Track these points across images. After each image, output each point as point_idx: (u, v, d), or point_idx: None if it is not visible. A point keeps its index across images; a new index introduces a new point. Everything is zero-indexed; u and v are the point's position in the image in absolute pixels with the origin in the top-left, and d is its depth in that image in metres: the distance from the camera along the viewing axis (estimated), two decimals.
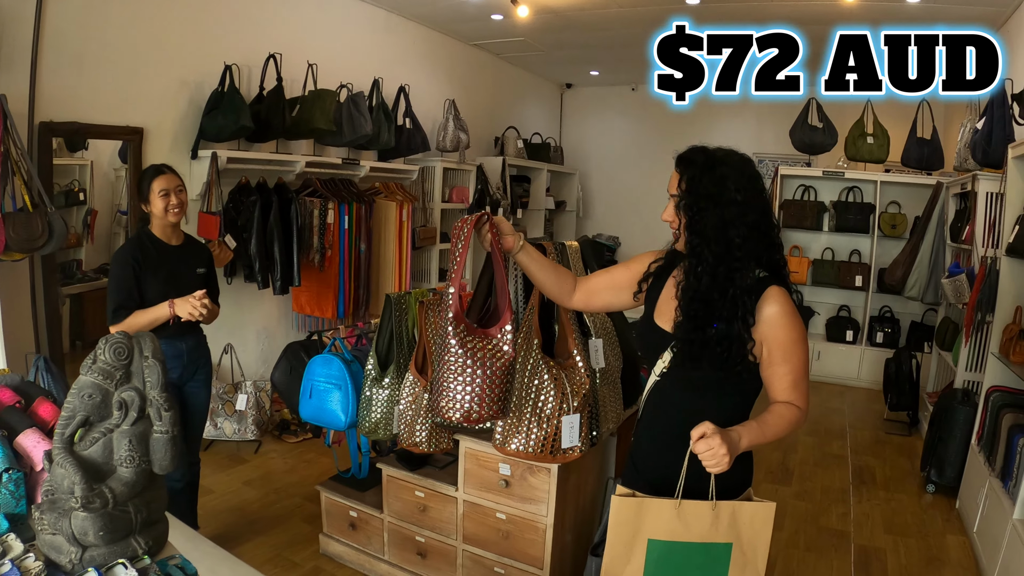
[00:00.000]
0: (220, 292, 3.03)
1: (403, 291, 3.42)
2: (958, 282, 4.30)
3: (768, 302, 1.61)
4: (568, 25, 6.16)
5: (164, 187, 2.70)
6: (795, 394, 1.65)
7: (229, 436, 4.27)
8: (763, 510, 1.61)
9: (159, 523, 1.60)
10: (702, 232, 1.62)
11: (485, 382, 1.81)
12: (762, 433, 1.61)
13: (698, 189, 1.63)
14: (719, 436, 1.51)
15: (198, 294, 2.57)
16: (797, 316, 1.64)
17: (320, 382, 2.76)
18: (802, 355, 1.65)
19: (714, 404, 1.67)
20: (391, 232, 5.53)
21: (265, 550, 3.24)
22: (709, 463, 1.52)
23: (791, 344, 1.62)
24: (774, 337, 1.61)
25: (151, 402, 1.49)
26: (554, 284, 1.95)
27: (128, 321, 2.60)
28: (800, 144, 6.46)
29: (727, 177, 1.61)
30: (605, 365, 2.54)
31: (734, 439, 1.55)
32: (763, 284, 1.63)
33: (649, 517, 1.61)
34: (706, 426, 1.53)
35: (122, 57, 4.06)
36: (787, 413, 1.64)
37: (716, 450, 1.50)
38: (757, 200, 1.63)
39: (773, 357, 1.63)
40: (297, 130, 4.86)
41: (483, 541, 2.61)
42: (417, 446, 2.48)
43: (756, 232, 1.62)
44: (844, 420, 5.56)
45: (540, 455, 2.14)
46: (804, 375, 1.66)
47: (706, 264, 1.62)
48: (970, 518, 3.56)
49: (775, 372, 1.64)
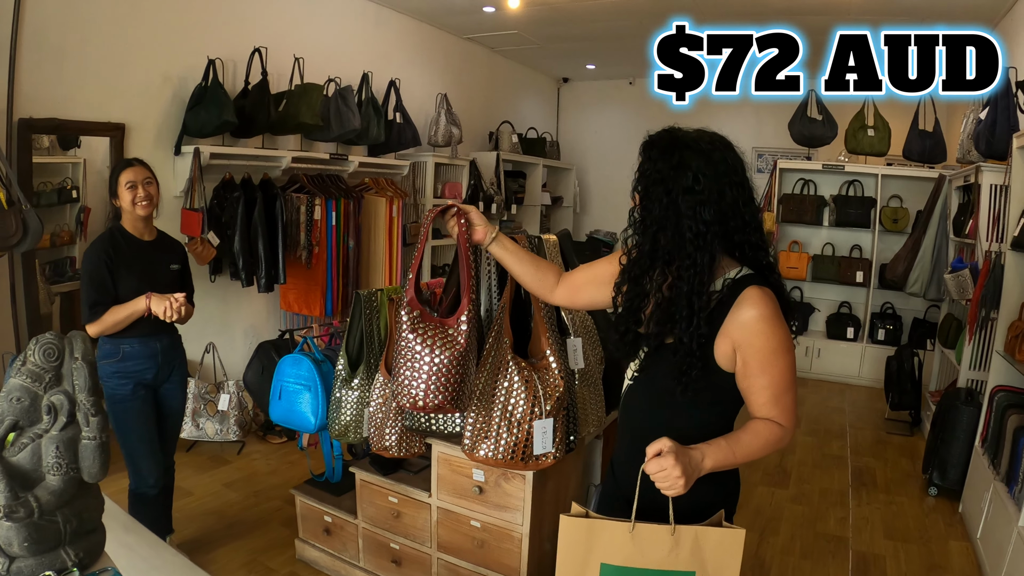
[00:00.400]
0: (207, 290, 2.95)
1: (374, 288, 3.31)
2: (961, 277, 4.17)
3: (744, 305, 1.42)
4: (561, 17, 6.04)
5: (131, 179, 2.62)
6: (776, 410, 1.46)
7: (211, 437, 4.17)
8: (731, 537, 1.42)
9: (93, 533, 1.51)
10: (645, 222, 1.47)
11: (433, 369, 1.78)
12: (732, 453, 1.44)
13: (650, 174, 1.46)
14: (673, 456, 1.35)
15: (179, 296, 2.50)
16: (778, 321, 1.44)
17: (290, 383, 2.65)
18: (784, 366, 1.45)
19: (685, 416, 1.51)
20: (381, 228, 5.42)
21: (241, 555, 3.14)
22: (662, 485, 1.37)
23: (770, 353, 1.43)
24: (750, 345, 1.42)
25: (79, 406, 1.40)
26: (533, 277, 1.83)
27: (105, 317, 2.53)
28: (799, 137, 6.31)
29: (687, 162, 1.42)
30: (585, 365, 2.42)
31: (694, 460, 1.39)
32: (740, 285, 1.45)
33: (601, 540, 1.45)
34: (663, 443, 1.37)
35: (103, 52, 3.99)
36: (764, 431, 1.46)
37: (669, 472, 1.35)
38: (727, 190, 1.43)
39: (749, 368, 1.44)
40: (283, 125, 4.77)
41: (458, 549, 2.50)
42: (387, 450, 2.37)
43: (720, 227, 1.43)
44: (844, 419, 5.43)
45: (510, 462, 2.02)
46: (787, 388, 1.46)
47: (643, 260, 1.48)
48: (973, 523, 3.43)
49: (752, 385, 1.46)
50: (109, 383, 2.60)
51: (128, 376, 2.60)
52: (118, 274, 2.56)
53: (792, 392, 1.47)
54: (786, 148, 7.24)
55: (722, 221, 1.43)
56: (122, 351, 2.59)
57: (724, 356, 1.45)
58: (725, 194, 1.43)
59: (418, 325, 1.80)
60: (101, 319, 2.51)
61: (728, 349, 1.44)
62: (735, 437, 1.45)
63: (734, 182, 1.45)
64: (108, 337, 2.58)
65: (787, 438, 1.48)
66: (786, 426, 1.47)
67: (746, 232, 1.47)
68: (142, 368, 2.63)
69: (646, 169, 1.48)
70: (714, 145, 1.47)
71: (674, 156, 1.44)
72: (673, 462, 1.34)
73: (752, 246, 1.48)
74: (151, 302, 2.47)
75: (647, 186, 1.47)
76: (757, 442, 1.45)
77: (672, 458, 1.34)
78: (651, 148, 1.49)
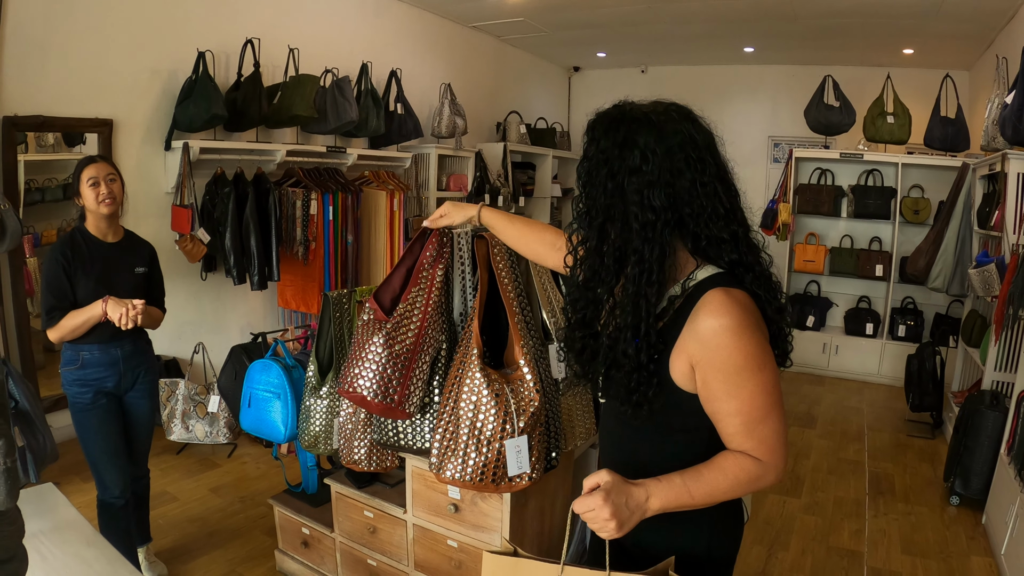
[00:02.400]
0: (199, 289, 2.80)
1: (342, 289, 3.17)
2: (987, 273, 3.93)
3: (702, 313, 1.16)
4: (568, 3, 5.83)
5: (92, 175, 2.49)
6: (750, 442, 1.18)
7: (201, 439, 4.04)
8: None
9: (10, 562, 1.41)
10: (590, 213, 1.23)
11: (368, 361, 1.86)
12: (687, 492, 1.18)
13: (592, 155, 1.22)
14: (603, 495, 1.14)
15: (136, 303, 2.36)
16: (747, 333, 1.15)
17: (259, 390, 2.51)
18: (755, 387, 1.16)
19: (651, 445, 1.30)
20: (382, 223, 5.27)
21: (220, 565, 3.01)
22: (592, 527, 1.17)
23: (735, 373, 1.15)
24: (709, 362, 1.16)
25: None
26: (533, 245, 1.73)
27: (63, 323, 2.41)
28: (816, 124, 6.06)
29: (633, 138, 1.17)
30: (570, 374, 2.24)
31: (635, 499, 1.17)
32: (702, 288, 1.19)
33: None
34: (600, 476, 1.16)
35: (89, 46, 3.90)
36: (734, 467, 1.19)
37: (596, 513, 1.14)
38: (684, 169, 1.17)
39: (712, 390, 1.18)
40: (277, 118, 4.65)
41: (435, 569, 2.34)
42: (356, 464, 2.21)
43: (674, 214, 1.17)
44: (862, 420, 5.20)
45: (479, 484, 1.84)
46: (764, 416, 1.17)
47: (591, 258, 1.25)
48: (997, 537, 3.20)
49: (718, 410, 1.19)
50: (70, 391, 2.48)
51: (88, 384, 2.47)
52: (76, 277, 2.43)
53: (773, 420, 1.18)
54: (802, 136, 6.99)
55: (675, 207, 1.18)
56: (81, 358, 2.46)
57: (682, 375, 1.20)
58: (681, 174, 1.17)
59: (370, 321, 1.83)
60: (59, 324, 2.40)
61: (685, 367, 1.19)
62: (695, 472, 1.20)
63: (692, 158, 1.17)
64: (69, 343, 2.46)
65: (769, 476, 1.20)
66: (768, 461, 1.19)
67: (701, 221, 1.19)
68: (102, 376, 2.50)
69: (589, 150, 1.24)
70: (667, 116, 1.20)
71: (619, 132, 1.19)
72: (602, 502, 1.13)
73: (712, 240, 1.20)
74: (107, 307, 2.34)
75: (589, 169, 1.23)
76: (723, 481, 1.19)
77: (602, 497, 1.14)
78: (595, 127, 1.25)
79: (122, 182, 2.61)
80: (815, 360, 6.39)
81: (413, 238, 2.02)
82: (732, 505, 1.34)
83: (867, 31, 5.97)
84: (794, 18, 5.82)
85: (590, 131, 1.25)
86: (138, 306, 2.34)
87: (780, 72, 7.68)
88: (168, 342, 4.25)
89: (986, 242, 4.61)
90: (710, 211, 1.19)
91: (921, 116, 5.71)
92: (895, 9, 5.26)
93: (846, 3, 5.27)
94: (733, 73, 7.90)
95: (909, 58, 6.69)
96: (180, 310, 4.31)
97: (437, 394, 2.06)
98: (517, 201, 6.93)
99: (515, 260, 2.05)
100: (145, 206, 4.16)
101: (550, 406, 2.06)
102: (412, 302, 1.94)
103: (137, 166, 4.17)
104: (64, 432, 3.38)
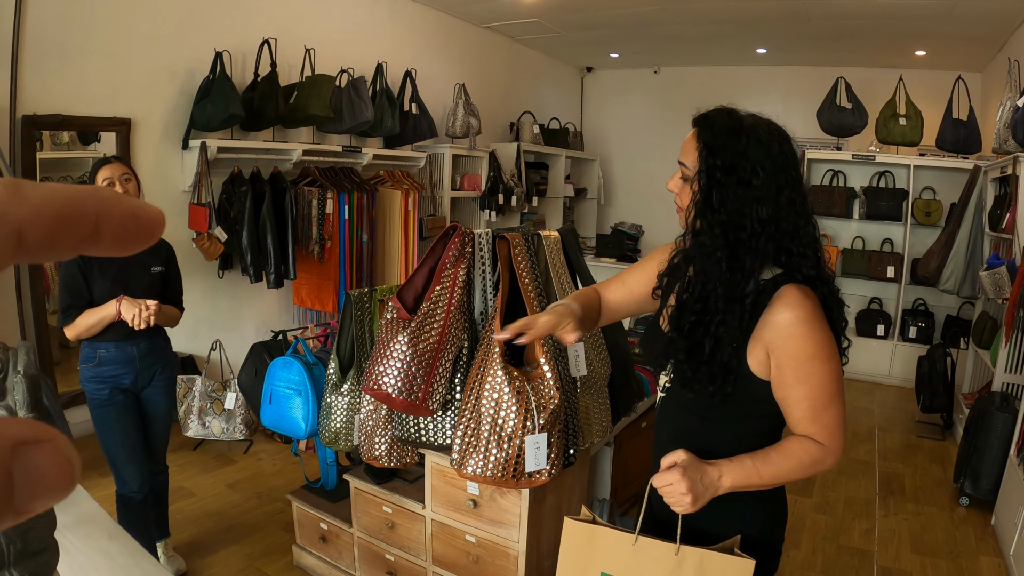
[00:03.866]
0: (216, 287, 2.84)
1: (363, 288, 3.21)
2: (997, 275, 3.94)
3: (778, 305, 1.26)
4: (581, 4, 5.86)
5: (107, 176, 2.52)
6: (815, 426, 1.28)
7: (218, 436, 4.11)
8: (737, 567, 1.30)
9: (41, 554, 1.42)
10: (715, 213, 1.29)
11: (392, 359, 1.87)
12: (756, 473, 1.28)
13: (718, 158, 1.28)
14: (681, 471, 1.24)
15: (150, 304, 2.40)
16: (819, 325, 1.26)
17: (280, 387, 2.55)
18: (825, 375, 1.26)
19: (719, 430, 1.38)
20: (396, 222, 5.33)
21: (237, 559, 3.05)
22: (668, 501, 1.27)
23: (807, 360, 1.25)
24: (784, 350, 1.26)
25: None
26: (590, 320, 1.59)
27: (78, 321, 2.45)
28: (828, 126, 6.07)
29: (747, 151, 1.26)
30: (588, 372, 2.28)
31: (709, 477, 1.27)
32: (775, 284, 1.29)
33: (602, 547, 1.37)
34: (677, 455, 1.27)
35: (107, 46, 3.94)
36: (799, 450, 1.29)
37: (674, 487, 1.24)
38: (783, 188, 1.27)
39: (784, 376, 1.27)
40: (293, 118, 4.70)
41: (452, 564, 2.38)
42: (376, 460, 2.26)
43: (775, 228, 1.27)
44: (873, 421, 5.22)
45: (500, 479, 1.89)
46: (830, 403, 1.28)
47: (713, 256, 1.30)
48: (1007, 538, 3.23)
49: (788, 396, 1.29)
50: (88, 387, 2.54)
51: (105, 381, 2.53)
52: (91, 276, 2.47)
53: (836, 407, 1.29)
54: (814, 138, 6.97)
55: (776, 222, 1.27)
56: (98, 355, 2.51)
57: (758, 362, 1.30)
58: (782, 192, 1.27)
59: (393, 320, 1.85)
60: (75, 323, 2.44)
61: (762, 355, 1.29)
62: (763, 455, 1.30)
63: (792, 179, 1.29)
64: (87, 341, 2.51)
65: (829, 460, 1.30)
66: (830, 446, 1.29)
67: (794, 239, 1.29)
68: (119, 373, 2.55)
69: (712, 154, 1.29)
70: (772, 135, 1.30)
71: (739, 142, 1.27)
72: (680, 477, 1.24)
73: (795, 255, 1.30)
74: (121, 306, 2.39)
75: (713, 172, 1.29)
76: (788, 463, 1.29)
77: (679, 473, 1.24)
78: (710, 127, 1.31)
79: (137, 182, 2.64)
80: None
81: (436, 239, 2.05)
82: (781, 491, 1.45)
83: (879, 33, 5.98)
84: (806, 19, 5.84)
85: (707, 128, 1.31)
86: (151, 307, 2.37)
87: (792, 73, 7.68)
88: (185, 339, 4.31)
89: (997, 244, 4.62)
90: (797, 231, 1.29)
91: (933, 118, 5.70)
92: (907, 11, 5.27)
93: (858, 5, 5.28)
94: (745, 74, 7.90)
95: (921, 60, 6.69)
96: (196, 308, 4.36)
97: (459, 391, 2.10)
98: (530, 201, 6.97)
99: (535, 260, 2.08)
100: (162, 205, 4.13)
101: (569, 404, 2.10)
102: (435, 301, 1.99)
103: (155, 165, 4.22)
104: (82, 428, 3.44)
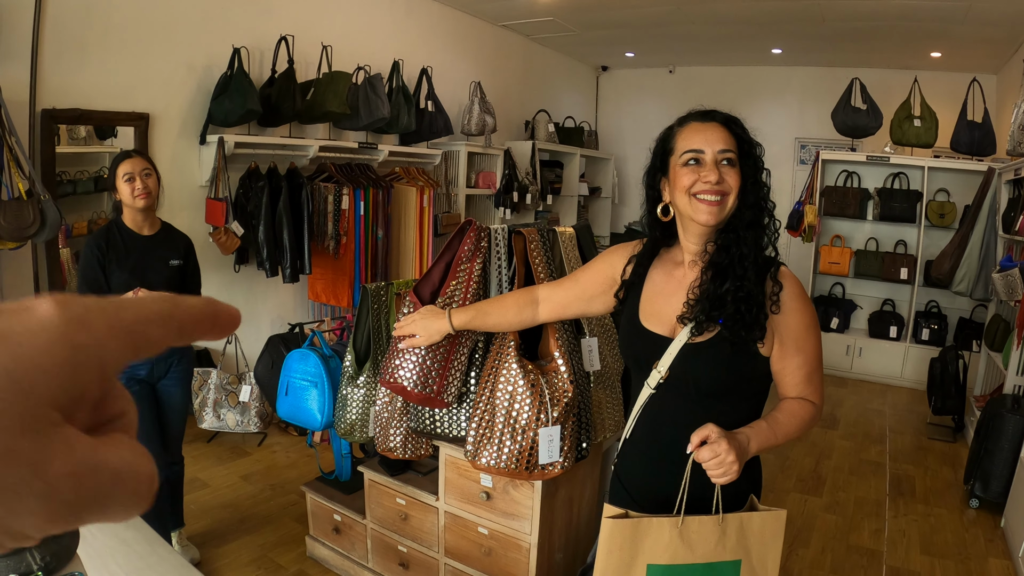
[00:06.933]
0: (232, 280, 2.88)
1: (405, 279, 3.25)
2: (1010, 277, 3.94)
3: (781, 282, 1.44)
4: (597, 3, 5.88)
5: (128, 171, 2.57)
6: (809, 388, 1.46)
7: (232, 428, 4.16)
8: (773, 520, 1.41)
9: (64, 536, 1.47)
10: (761, 189, 1.44)
11: (413, 350, 1.94)
12: (773, 434, 1.41)
13: (753, 151, 1.45)
14: (725, 441, 1.30)
15: None
16: (808, 298, 1.47)
17: (296, 379, 2.59)
18: (816, 343, 1.46)
19: (731, 410, 1.45)
20: (411, 218, 5.36)
21: (251, 550, 3.10)
22: (715, 472, 1.31)
23: (804, 331, 1.44)
24: (786, 324, 1.42)
25: None
26: (514, 317, 1.82)
27: None
28: (843, 127, 6.06)
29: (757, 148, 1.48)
30: (601, 367, 2.31)
31: (742, 443, 1.35)
32: (771, 263, 1.46)
33: (647, 540, 1.38)
34: (709, 429, 1.32)
35: (126, 42, 3.98)
36: (800, 411, 1.45)
37: (723, 457, 1.29)
38: (766, 178, 1.49)
39: (786, 348, 1.43)
40: (310, 114, 4.74)
41: (465, 556, 2.42)
42: (391, 452, 2.29)
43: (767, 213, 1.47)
44: (884, 422, 5.22)
45: (514, 471, 1.92)
46: (819, 366, 1.47)
47: (758, 225, 1.44)
48: (1016, 540, 3.23)
49: (787, 365, 1.44)
50: None
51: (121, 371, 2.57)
52: (110, 269, 2.52)
53: (821, 369, 1.48)
54: (829, 139, 6.98)
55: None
56: None
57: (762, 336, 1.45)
58: (766, 181, 1.48)
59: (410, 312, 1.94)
60: None
61: (767, 332, 1.43)
62: (773, 418, 1.44)
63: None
64: None
65: (817, 416, 1.48)
66: (818, 404, 1.48)
67: (771, 215, 1.48)
68: (134, 364, 2.58)
69: (743, 139, 1.45)
70: None
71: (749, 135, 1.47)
72: (727, 446, 1.30)
73: (769, 232, 1.48)
74: None
75: (755, 163, 1.46)
76: (794, 423, 1.44)
77: (725, 443, 1.30)
78: (737, 124, 1.48)
79: (157, 176, 2.68)
80: (838, 362, 6.39)
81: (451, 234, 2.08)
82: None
83: (894, 34, 5.97)
84: (822, 20, 5.83)
85: (735, 123, 1.47)
86: None
87: (807, 74, 7.67)
88: None
89: (1010, 247, 4.61)
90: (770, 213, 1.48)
91: (948, 120, 5.69)
92: (923, 12, 5.26)
93: (874, 6, 5.28)
94: (760, 74, 7.90)
95: (936, 61, 6.66)
96: None
97: (473, 384, 2.13)
98: (545, 199, 7.00)
99: (550, 255, 2.11)
100: (180, 199, 4.26)
101: (582, 398, 2.13)
102: (451, 295, 2.02)
103: (172, 159, 4.27)
104: None
